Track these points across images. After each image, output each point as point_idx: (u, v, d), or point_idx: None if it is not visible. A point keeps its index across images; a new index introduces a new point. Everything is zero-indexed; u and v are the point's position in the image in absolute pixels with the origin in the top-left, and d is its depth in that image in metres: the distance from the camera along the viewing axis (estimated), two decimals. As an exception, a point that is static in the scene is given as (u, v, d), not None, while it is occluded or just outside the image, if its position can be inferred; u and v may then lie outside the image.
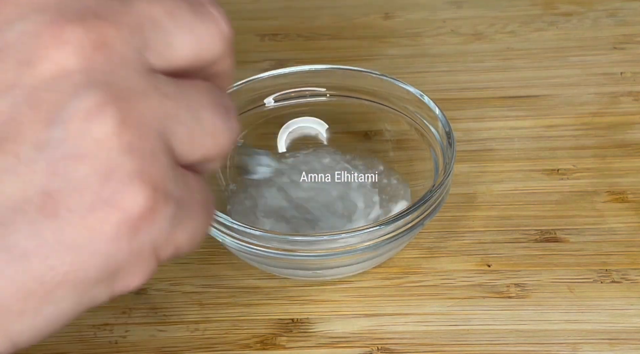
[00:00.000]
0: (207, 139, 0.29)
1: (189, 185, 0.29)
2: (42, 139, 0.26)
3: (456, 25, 0.66)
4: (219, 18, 0.30)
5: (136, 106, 0.27)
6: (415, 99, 0.51)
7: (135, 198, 0.26)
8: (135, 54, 0.27)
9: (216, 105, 0.29)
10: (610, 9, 0.66)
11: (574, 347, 0.44)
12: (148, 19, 0.28)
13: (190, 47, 0.29)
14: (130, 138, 0.26)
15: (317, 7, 0.68)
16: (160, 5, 0.28)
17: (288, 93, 0.53)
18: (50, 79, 0.26)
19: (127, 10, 0.28)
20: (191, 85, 0.29)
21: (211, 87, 0.29)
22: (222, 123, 0.29)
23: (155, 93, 0.27)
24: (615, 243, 0.49)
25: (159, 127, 0.27)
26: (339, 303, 0.47)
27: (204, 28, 0.29)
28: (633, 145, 0.55)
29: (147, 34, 0.28)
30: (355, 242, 0.44)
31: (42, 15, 0.27)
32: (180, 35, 0.29)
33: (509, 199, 0.52)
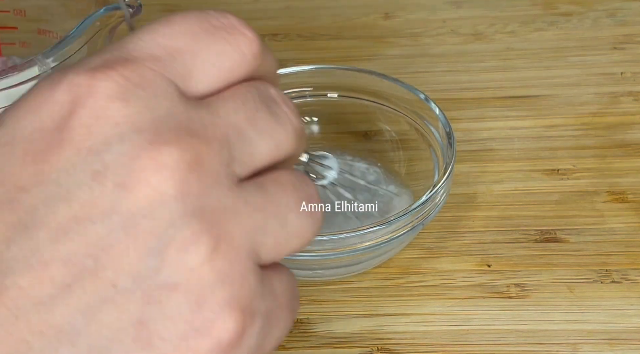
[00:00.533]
0: (292, 241, 0.29)
1: (275, 291, 0.29)
2: (138, 268, 0.26)
3: (456, 25, 0.66)
4: (291, 115, 0.30)
5: (228, 229, 0.27)
6: (416, 99, 0.51)
7: (225, 325, 0.27)
8: (225, 169, 0.27)
9: (301, 202, 0.29)
10: (610, 9, 0.66)
11: (574, 347, 0.44)
12: (233, 130, 0.28)
13: (270, 151, 0.29)
14: (221, 265, 0.26)
15: (317, 7, 0.68)
16: (243, 112, 0.28)
17: (289, 93, 0.53)
18: (148, 205, 0.26)
19: (215, 121, 0.27)
20: (275, 185, 0.29)
21: (293, 180, 0.29)
22: (306, 220, 0.29)
23: (245, 208, 0.27)
24: (615, 243, 0.49)
25: (248, 246, 0.27)
26: (339, 303, 0.47)
27: (281, 130, 0.29)
28: (633, 145, 0.55)
29: (232, 145, 0.28)
30: (355, 242, 0.44)
31: (139, 136, 0.26)
32: (262, 142, 0.28)
33: (509, 199, 0.52)
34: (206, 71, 0.28)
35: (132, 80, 0.27)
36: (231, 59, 0.29)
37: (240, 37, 0.29)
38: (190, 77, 0.28)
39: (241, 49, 0.29)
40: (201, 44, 0.28)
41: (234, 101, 0.28)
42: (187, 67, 0.28)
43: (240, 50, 0.29)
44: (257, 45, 0.29)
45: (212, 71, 0.28)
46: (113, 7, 0.46)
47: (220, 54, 0.28)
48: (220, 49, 0.28)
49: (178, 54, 0.28)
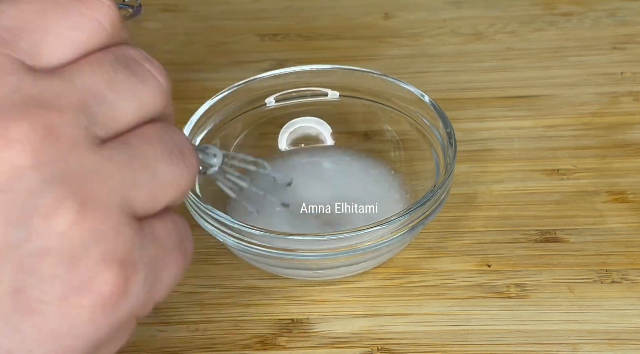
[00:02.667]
0: (167, 189, 0.30)
1: (158, 238, 0.29)
2: (5, 241, 0.27)
3: (456, 25, 0.66)
4: (156, 73, 0.30)
5: (93, 188, 0.27)
6: (416, 99, 0.51)
7: (104, 279, 0.27)
8: (84, 133, 0.28)
9: (170, 151, 0.30)
10: (610, 9, 0.66)
11: (574, 347, 0.44)
12: (90, 94, 0.28)
13: (134, 111, 0.29)
14: (90, 223, 0.27)
15: (317, 7, 0.68)
16: (100, 75, 0.29)
17: (289, 93, 0.53)
18: (5, 180, 0.26)
19: (68, 88, 0.28)
20: (141, 138, 0.29)
21: (160, 133, 0.30)
22: (180, 168, 0.30)
23: (110, 166, 0.28)
24: (615, 243, 0.49)
25: (119, 200, 0.28)
26: (339, 303, 0.47)
27: (144, 88, 0.30)
28: (633, 145, 0.55)
29: (91, 110, 0.28)
30: (356, 242, 0.44)
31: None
32: (123, 102, 0.29)
33: (509, 199, 0.52)
34: (58, 45, 0.29)
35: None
36: (85, 29, 0.29)
37: (95, 6, 0.29)
38: (39, 53, 0.28)
39: (96, 18, 0.29)
40: (50, 19, 0.29)
41: (89, 66, 0.29)
42: (35, 44, 0.28)
43: (95, 20, 0.29)
44: (113, 12, 0.30)
45: (64, 44, 0.29)
46: (113, 7, 0.46)
47: (73, 26, 0.29)
48: (73, 21, 0.29)
49: (24, 33, 0.28)
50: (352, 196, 0.50)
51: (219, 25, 0.67)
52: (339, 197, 0.50)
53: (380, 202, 0.50)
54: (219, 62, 0.63)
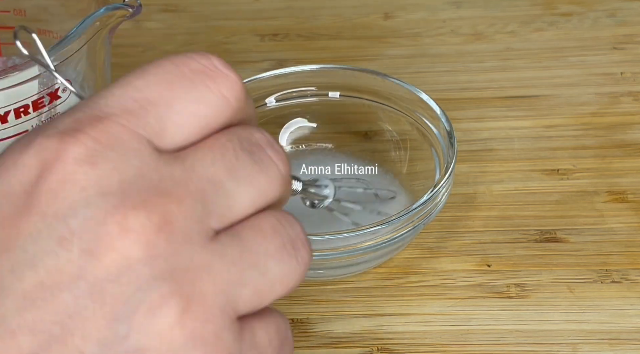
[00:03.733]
0: (274, 287, 0.28)
1: (259, 342, 0.28)
2: (106, 334, 0.25)
3: (456, 25, 0.66)
4: (277, 160, 0.29)
5: (200, 286, 0.26)
6: (416, 99, 0.51)
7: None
8: (198, 226, 0.26)
9: (283, 247, 0.28)
10: (610, 9, 0.66)
11: (574, 347, 0.44)
12: (210, 183, 0.27)
13: (251, 201, 0.28)
14: (192, 326, 0.26)
15: (317, 7, 0.68)
16: (221, 163, 0.27)
17: (289, 93, 0.53)
18: (115, 270, 0.25)
19: (189, 176, 0.27)
20: (253, 232, 0.28)
21: (275, 225, 0.28)
22: (290, 265, 0.28)
23: (220, 263, 0.27)
24: (615, 243, 0.49)
25: (223, 301, 0.27)
26: (339, 303, 0.47)
27: (264, 177, 0.28)
28: (633, 145, 0.55)
29: (209, 200, 0.27)
30: (355, 242, 0.44)
31: (106, 200, 0.26)
32: (242, 193, 0.28)
33: (509, 199, 0.52)
34: (183, 121, 0.27)
35: (101, 141, 0.26)
36: (211, 104, 0.28)
37: (221, 79, 0.28)
38: (164, 130, 0.27)
39: (222, 92, 0.28)
40: (177, 93, 0.27)
41: (212, 152, 0.28)
42: (162, 119, 0.27)
43: (221, 94, 0.28)
44: (239, 87, 0.28)
45: (189, 120, 0.27)
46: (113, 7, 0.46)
47: (198, 100, 0.28)
48: (199, 95, 0.28)
49: (152, 106, 0.27)
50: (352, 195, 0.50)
51: (219, 25, 0.67)
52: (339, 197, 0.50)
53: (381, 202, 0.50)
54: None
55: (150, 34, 0.66)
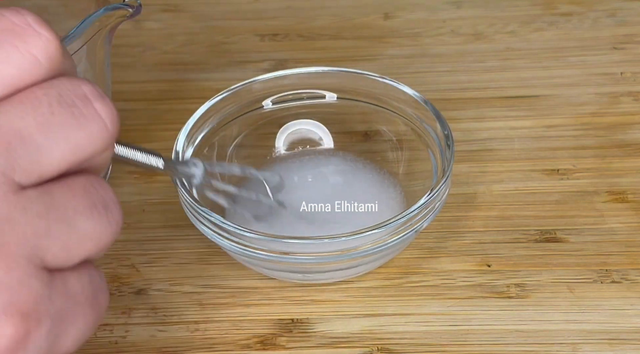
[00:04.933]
0: (85, 243, 0.29)
1: (69, 291, 0.29)
2: None
3: (456, 25, 0.66)
4: (103, 115, 0.29)
5: (2, 237, 0.27)
6: (413, 101, 0.51)
7: (3, 331, 0.27)
8: (1, 178, 0.27)
9: (94, 206, 0.29)
10: (610, 9, 0.66)
11: (574, 347, 0.44)
12: (16, 137, 0.27)
13: (63, 158, 0.28)
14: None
15: (317, 7, 0.68)
16: (32, 117, 0.28)
17: (286, 95, 0.53)
18: None
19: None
20: (64, 190, 0.28)
21: (86, 185, 0.29)
22: (101, 223, 0.29)
23: (24, 216, 0.27)
24: (615, 243, 0.49)
25: (28, 251, 0.27)
26: (339, 303, 0.47)
27: (82, 134, 0.28)
28: (633, 145, 0.55)
29: (14, 154, 0.27)
30: (354, 245, 0.44)
31: None
32: (53, 148, 0.28)
33: (509, 199, 0.52)
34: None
35: None
36: (17, 64, 0.28)
37: (32, 39, 0.28)
38: None
39: (31, 52, 0.28)
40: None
41: (21, 105, 0.28)
42: None
43: (29, 54, 0.28)
44: (53, 46, 0.28)
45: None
46: (113, 7, 0.46)
47: (3, 59, 0.27)
48: (4, 54, 0.27)
49: None
50: (350, 197, 0.50)
51: (219, 25, 0.67)
52: (336, 200, 0.50)
53: (379, 204, 0.50)
54: (219, 62, 0.63)
55: (150, 34, 0.66)
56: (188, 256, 0.50)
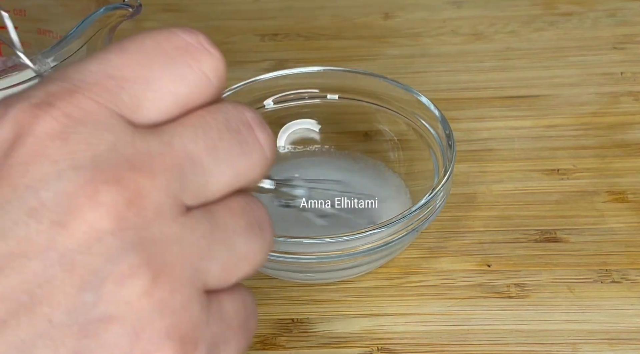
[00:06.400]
0: (242, 264, 0.28)
1: (224, 315, 0.29)
2: (75, 303, 0.26)
3: (456, 25, 0.66)
4: (264, 144, 0.29)
5: (169, 258, 0.27)
6: (414, 101, 0.51)
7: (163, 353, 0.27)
8: (172, 201, 0.27)
9: (251, 226, 0.29)
10: (610, 9, 0.66)
11: (574, 347, 0.44)
12: (188, 160, 0.27)
13: (228, 183, 0.28)
14: (160, 296, 0.26)
15: (317, 7, 0.68)
16: (202, 142, 0.28)
17: (287, 95, 0.53)
18: (84, 242, 0.26)
19: (165, 151, 0.27)
20: (224, 211, 0.28)
21: (244, 205, 0.29)
22: (257, 243, 0.29)
23: (190, 237, 0.27)
24: (615, 243, 0.49)
25: (192, 273, 0.27)
26: (339, 303, 0.47)
27: (245, 160, 0.28)
28: (633, 145, 0.55)
29: (185, 177, 0.27)
30: (355, 245, 0.44)
31: (77, 174, 0.26)
32: (219, 173, 0.28)
33: (509, 199, 0.52)
34: (159, 99, 0.27)
35: (73, 116, 0.26)
36: (190, 83, 0.28)
37: (203, 57, 0.28)
38: (139, 107, 0.27)
39: (203, 71, 0.28)
40: (155, 70, 0.27)
41: (193, 129, 0.27)
42: (137, 97, 0.27)
43: (202, 73, 0.28)
44: (222, 66, 0.28)
45: (166, 98, 0.27)
46: (113, 7, 0.46)
47: (177, 78, 0.27)
48: (178, 73, 0.28)
49: (127, 84, 0.27)
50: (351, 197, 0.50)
51: (219, 25, 0.67)
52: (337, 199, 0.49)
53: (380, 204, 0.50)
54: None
55: (150, 34, 0.66)
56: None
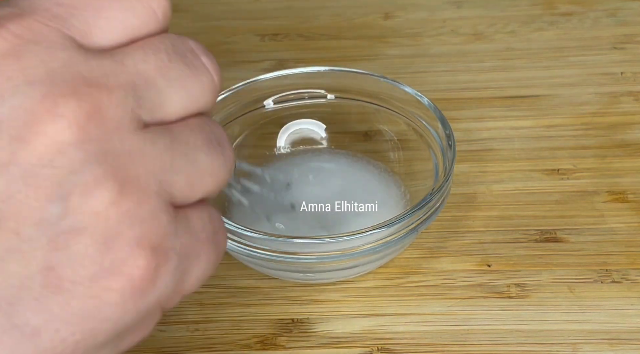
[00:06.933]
0: (205, 178, 0.29)
1: (192, 228, 0.29)
2: (41, 216, 0.26)
3: (456, 25, 0.66)
4: (211, 69, 0.30)
5: (133, 170, 0.27)
6: (414, 101, 0.51)
7: (136, 262, 0.27)
8: (129, 115, 0.27)
9: (210, 142, 0.29)
10: (610, 9, 0.66)
11: (574, 347, 0.44)
12: (140, 78, 0.28)
13: (181, 102, 0.29)
14: (128, 205, 0.27)
15: (317, 7, 0.68)
16: (153, 62, 0.29)
17: (287, 95, 0.53)
18: (46, 155, 0.26)
19: (119, 69, 0.28)
20: (184, 127, 0.29)
21: (202, 123, 0.30)
22: (218, 159, 0.30)
23: (152, 149, 0.28)
24: (615, 243, 0.49)
25: (157, 185, 0.28)
26: (339, 303, 0.47)
27: (196, 83, 0.29)
28: (633, 145, 0.55)
29: (139, 93, 0.28)
30: (355, 245, 0.44)
31: (34, 89, 0.26)
32: (172, 93, 0.29)
33: (509, 199, 0.52)
34: (110, 26, 0.28)
35: (23, 36, 0.27)
36: (139, 15, 0.29)
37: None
38: (90, 32, 0.28)
39: (151, 6, 0.29)
40: (105, 1, 0.28)
41: (143, 51, 0.29)
42: (87, 23, 0.28)
43: (150, 7, 0.29)
44: (168, 4, 0.29)
45: (116, 26, 0.28)
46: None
47: (126, 9, 0.29)
48: (128, 4, 0.29)
49: (77, 11, 0.28)
50: (351, 197, 0.50)
51: (219, 25, 0.67)
52: (337, 199, 0.50)
53: (380, 203, 0.50)
54: (219, 62, 0.63)
55: (150, 34, 0.66)
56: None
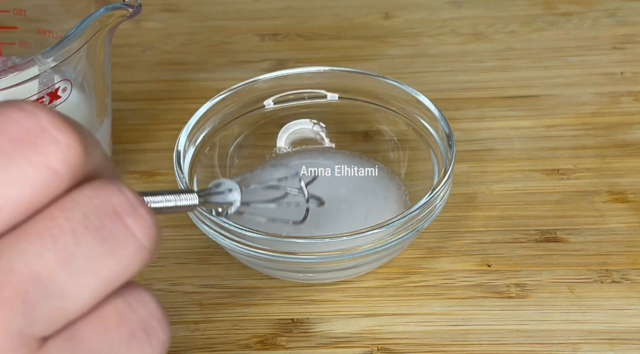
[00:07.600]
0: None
1: None
2: None
3: (456, 25, 0.66)
4: (139, 232, 0.24)
5: None
6: (414, 101, 0.51)
7: None
8: (16, 340, 0.22)
9: (132, 335, 0.25)
10: (610, 9, 0.66)
11: (574, 347, 0.44)
12: (35, 282, 0.22)
13: (93, 293, 0.24)
14: None
15: (317, 7, 0.68)
16: (53, 253, 0.23)
17: (287, 95, 0.53)
18: None
19: (4, 279, 0.22)
20: (94, 329, 0.24)
21: (122, 310, 0.25)
22: (141, 351, 0.25)
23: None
24: (615, 243, 0.49)
25: None
26: (339, 303, 0.47)
27: (115, 261, 0.24)
28: (633, 145, 0.55)
29: (32, 305, 0.22)
30: (355, 245, 0.44)
31: None
32: (79, 285, 0.23)
33: (509, 199, 0.52)
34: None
35: None
36: (34, 182, 0.23)
37: (48, 146, 0.23)
38: None
39: (49, 164, 0.23)
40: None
41: (39, 239, 0.23)
42: None
43: (47, 167, 0.23)
44: (75, 152, 0.23)
45: (4, 208, 0.23)
46: (113, 7, 0.46)
47: (16, 180, 0.23)
48: (17, 173, 0.23)
49: None
50: (350, 197, 0.50)
51: (219, 25, 0.67)
52: (337, 199, 0.50)
53: (380, 203, 0.50)
54: (219, 62, 0.63)
55: (150, 34, 0.66)
56: (188, 256, 0.50)
